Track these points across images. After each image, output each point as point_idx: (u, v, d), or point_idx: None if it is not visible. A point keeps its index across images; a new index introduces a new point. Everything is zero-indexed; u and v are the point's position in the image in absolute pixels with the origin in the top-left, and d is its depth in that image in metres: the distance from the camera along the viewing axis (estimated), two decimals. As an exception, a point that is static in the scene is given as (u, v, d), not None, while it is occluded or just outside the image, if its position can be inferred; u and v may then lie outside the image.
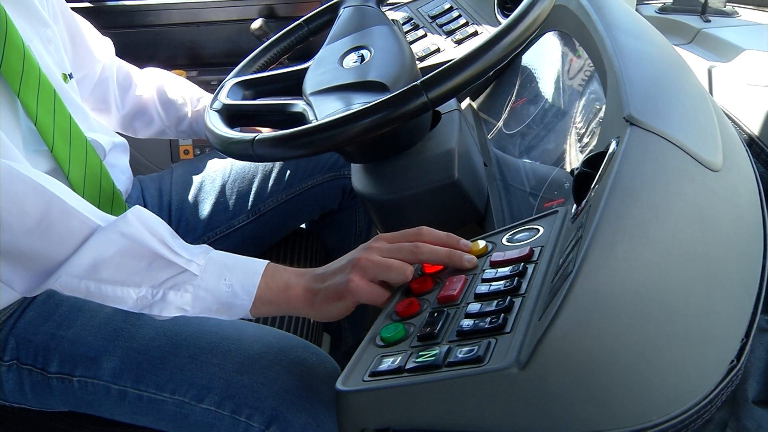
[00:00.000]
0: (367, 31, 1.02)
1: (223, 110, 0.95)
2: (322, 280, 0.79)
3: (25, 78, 0.96)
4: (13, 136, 0.96)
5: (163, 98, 1.31)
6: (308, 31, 1.13)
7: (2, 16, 0.95)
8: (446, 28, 1.31)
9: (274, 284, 0.80)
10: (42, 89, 0.98)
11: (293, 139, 0.78)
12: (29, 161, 0.97)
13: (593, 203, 0.63)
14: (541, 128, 1.04)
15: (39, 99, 0.98)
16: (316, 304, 0.79)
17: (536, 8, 0.80)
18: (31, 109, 0.96)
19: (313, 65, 0.99)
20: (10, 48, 0.94)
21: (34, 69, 0.98)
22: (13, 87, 0.95)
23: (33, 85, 0.97)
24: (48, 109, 0.99)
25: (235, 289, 0.80)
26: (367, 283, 0.76)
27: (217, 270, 0.80)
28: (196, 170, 1.26)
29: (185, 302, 0.80)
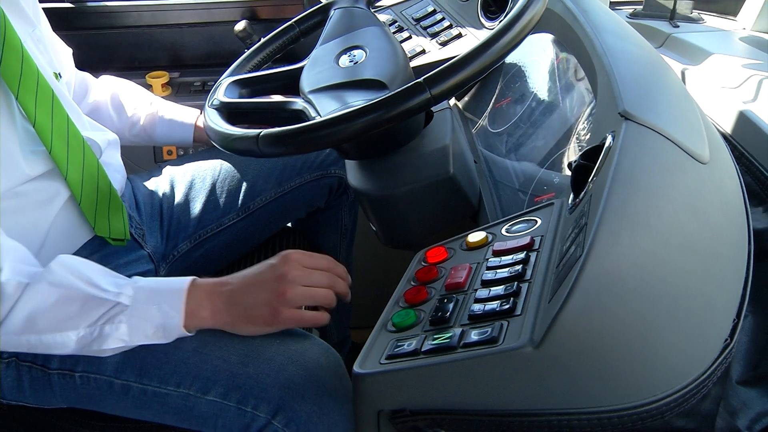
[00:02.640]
0: (359, 32, 1.05)
1: (222, 108, 0.97)
2: (245, 305, 0.88)
3: (24, 79, 0.96)
4: (10, 137, 0.96)
5: (116, 103, 1.32)
6: (300, 31, 1.15)
7: (1, 17, 0.95)
8: (430, 30, 1.35)
9: (198, 304, 0.87)
10: (40, 90, 0.98)
11: (300, 134, 0.81)
12: (26, 163, 0.97)
13: (594, 193, 0.66)
14: (528, 126, 1.08)
15: (37, 100, 0.98)
16: (240, 325, 0.89)
17: (532, 7, 0.83)
18: (30, 111, 0.96)
19: (308, 65, 1.01)
20: (9, 49, 0.95)
21: (32, 70, 0.98)
22: (11, 89, 0.95)
23: (31, 86, 0.97)
24: (46, 110, 0.99)
25: (165, 309, 0.86)
26: (294, 312, 0.87)
27: (145, 296, 0.86)
28: (186, 168, 1.26)
29: (122, 333, 0.85)
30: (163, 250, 1.19)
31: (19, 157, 0.96)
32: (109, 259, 1.06)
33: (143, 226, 1.16)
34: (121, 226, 1.08)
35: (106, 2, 1.65)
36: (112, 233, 1.06)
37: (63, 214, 1.02)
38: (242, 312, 0.87)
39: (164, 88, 1.63)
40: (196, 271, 1.21)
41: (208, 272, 1.25)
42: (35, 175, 0.99)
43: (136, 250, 1.11)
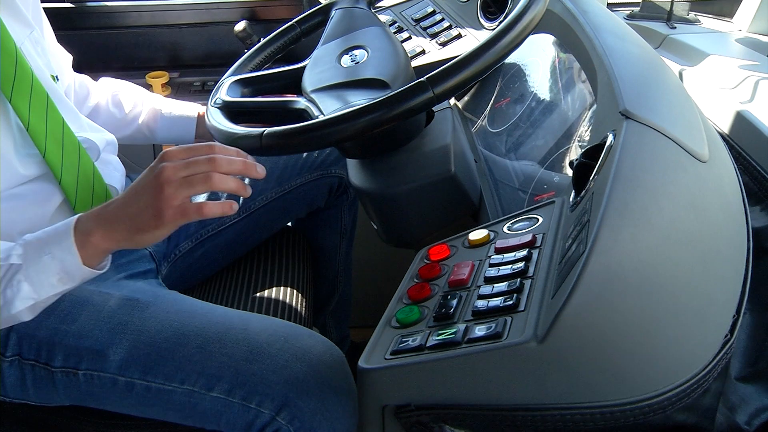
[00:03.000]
0: (360, 32, 1.05)
1: (224, 107, 0.98)
2: (130, 216, 0.85)
3: (18, 83, 0.96)
4: (5, 139, 0.96)
5: (116, 102, 1.32)
6: (301, 31, 1.16)
7: None
8: (430, 30, 1.36)
9: (87, 233, 0.86)
10: (34, 94, 0.99)
11: (303, 133, 0.81)
12: (21, 165, 0.98)
13: (595, 191, 0.67)
14: (528, 126, 1.09)
15: (31, 104, 0.98)
16: (133, 237, 0.86)
17: (533, 8, 0.84)
18: (23, 114, 0.97)
19: (310, 64, 1.02)
20: (3, 53, 0.95)
21: (26, 74, 0.98)
22: (4, 92, 0.95)
23: (25, 90, 0.98)
24: (40, 114, 0.99)
25: (58, 254, 0.85)
26: (177, 208, 0.84)
27: (35, 249, 0.85)
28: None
29: (26, 292, 0.84)
30: (165, 249, 1.19)
31: (14, 160, 0.97)
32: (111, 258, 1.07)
33: (145, 225, 1.16)
34: None
35: (106, 2, 1.66)
36: None
37: (58, 216, 1.03)
38: (130, 224, 0.85)
39: (164, 88, 1.63)
40: (198, 271, 1.22)
41: (209, 271, 1.26)
42: (30, 178, 0.99)
43: (137, 249, 1.12)
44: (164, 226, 0.85)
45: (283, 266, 1.30)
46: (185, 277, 1.20)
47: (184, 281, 1.19)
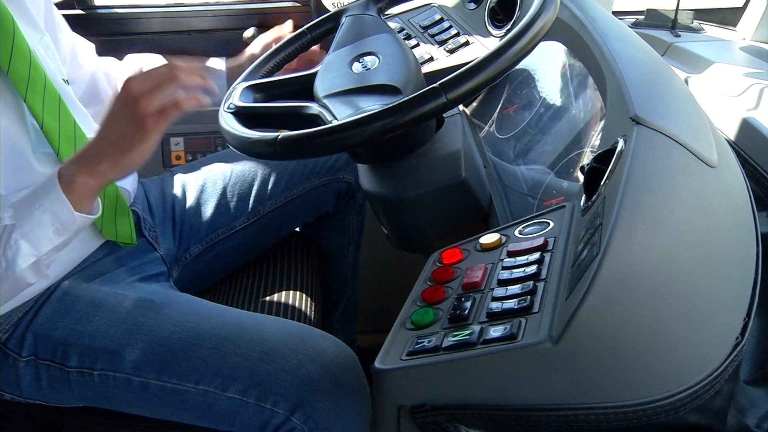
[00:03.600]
0: (371, 38, 1.07)
1: (237, 112, 0.99)
2: (111, 142, 0.88)
3: (32, 83, 0.98)
4: (22, 138, 0.98)
5: None
6: (312, 38, 1.17)
7: (10, 23, 0.97)
8: (438, 38, 1.37)
9: (72, 176, 0.88)
10: (47, 94, 1.01)
11: (318, 137, 0.82)
12: (38, 163, 0.99)
13: (607, 196, 0.68)
14: (536, 132, 1.10)
15: (45, 104, 1.00)
16: (122, 160, 0.88)
17: (543, 14, 0.86)
18: (38, 113, 0.99)
19: (321, 70, 1.03)
20: (18, 54, 0.97)
21: (39, 74, 1.00)
22: (20, 91, 0.97)
23: (39, 90, 1.00)
24: (53, 114, 1.01)
25: (48, 205, 0.87)
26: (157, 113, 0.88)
27: (25, 206, 0.88)
28: (197, 173, 1.28)
29: (26, 250, 0.86)
30: (176, 252, 1.20)
31: (31, 158, 0.99)
32: (124, 260, 1.08)
33: (156, 228, 1.17)
34: (127, 230, 1.10)
35: (117, 9, 1.67)
36: (120, 237, 1.08)
37: None
38: (114, 150, 0.87)
39: (175, 96, 1.64)
40: (208, 274, 1.23)
41: (219, 275, 1.27)
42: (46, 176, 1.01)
43: (149, 252, 1.13)
44: (149, 135, 0.87)
45: (291, 270, 1.31)
46: (196, 280, 1.22)
47: (194, 284, 1.20)
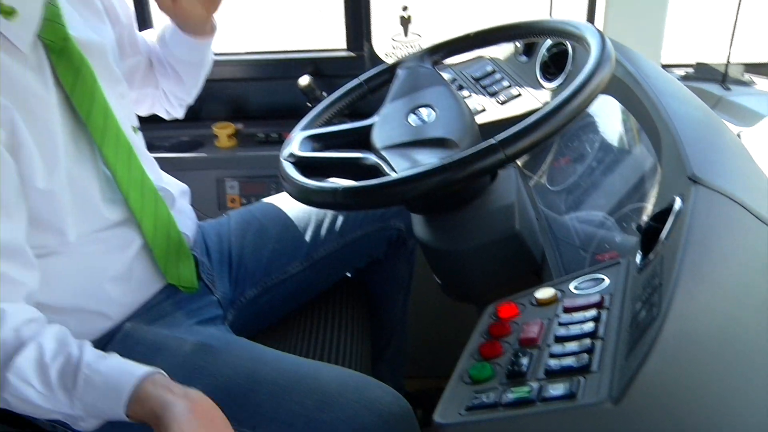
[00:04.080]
0: (426, 91, 1.09)
1: (296, 162, 1.02)
2: None
3: (107, 133, 1.04)
4: (93, 184, 1.03)
5: None
6: (368, 89, 1.20)
7: (92, 76, 1.03)
8: (490, 89, 1.39)
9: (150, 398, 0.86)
10: (120, 143, 1.06)
11: (378, 190, 0.85)
12: (106, 209, 1.04)
13: (666, 255, 0.69)
14: (588, 186, 1.11)
15: (117, 152, 1.05)
16: None
17: (600, 71, 0.87)
18: (110, 161, 1.04)
19: (378, 122, 1.06)
20: (97, 105, 1.03)
21: (114, 124, 1.05)
22: (96, 140, 1.02)
23: (112, 139, 1.05)
24: (124, 162, 1.06)
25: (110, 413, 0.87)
26: None
27: (93, 411, 0.87)
28: (253, 217, 1.32)
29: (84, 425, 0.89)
30: (231, 295, 1.23)
31: (101, 204, 1.03)
32: (182, 303, 1.11)
33: (213, 272, 1.21)
34: (190, 274, 1.13)
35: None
36: (182, 281, 1.12)
37: (138, 261, 1.09)
38: None
39: (230, 139, 1.70)
40: (262, 317, 1.26)
41: (273, 319, 1.29)
42: (114, 222, 1.05)
43: (207, 295, 1.16)
44: None
45: (342, 315, 1.33)
46: (250, 323, 1.24)
47: (248, 328, 1.22)
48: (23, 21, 0.94)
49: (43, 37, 0.97)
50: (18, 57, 0.94)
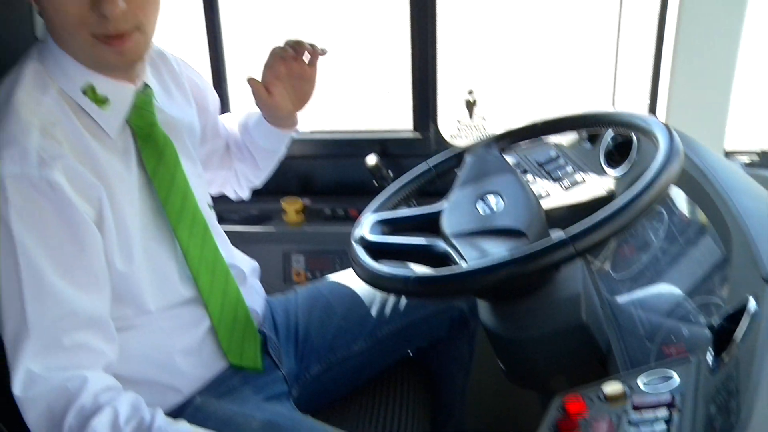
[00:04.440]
0: (494, 178, 1.12)
1: (367, 245, 1.05)
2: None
3: (184, 213, 1.09)
4: (170, 263, 1.08)
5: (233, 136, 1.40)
6: (435, 174, 1.24)
7: (174, 158, 1.09)
8: (554, 174, 1.42)
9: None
10: (195, 222, 1.11)
11: (448, 281, 0.87)
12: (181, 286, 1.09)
13: (742, 359, 0.69)
14: (653, 275, 1.11)
15: (192, 231, 1.11)
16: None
17: (670, 167, 0.89)
18: (184, 241, 1.09)
19: (448, 207, 1.09)
20: (176, 187, 1.09)
21: (191, 204, 1.11)
22: (172, 221, 1.08)
23: (188, 219, 1.10)
24: (198, 241, 1.11)
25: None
26: None
27: None
28: (319, 294, 1.35)
29: None
30: (297, 371, 1.26)
31: (177, 281, 1.08)
32: (249, 378, 1.14)
33: (280, 347, 1.24)
34: (254, 354, 1.17)
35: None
36: (245, 362, 1.15)
37: (208, 337, 1.13)
38: None
39: (297, 214, 1.75)
40: (325, 394, 1.28)
41: (336, 395, 1.31)
42: (187, 299, 1.10)
43: (273, 371, 1.19)
44: None
45: (403, 394, 1.34)
46: (313, 399, 1.26)
47: (312, 404, 1.24)
48: (114, 109, 1.01)
49: (132, 123, 1.04)
50: (106, 141, 1.01)
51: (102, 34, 0.94)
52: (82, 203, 0.93)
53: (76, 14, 0.91)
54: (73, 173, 0.92)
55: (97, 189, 0.96)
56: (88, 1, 0.91)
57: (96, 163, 0.98)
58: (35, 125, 0.92)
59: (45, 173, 0.90)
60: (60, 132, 0.95)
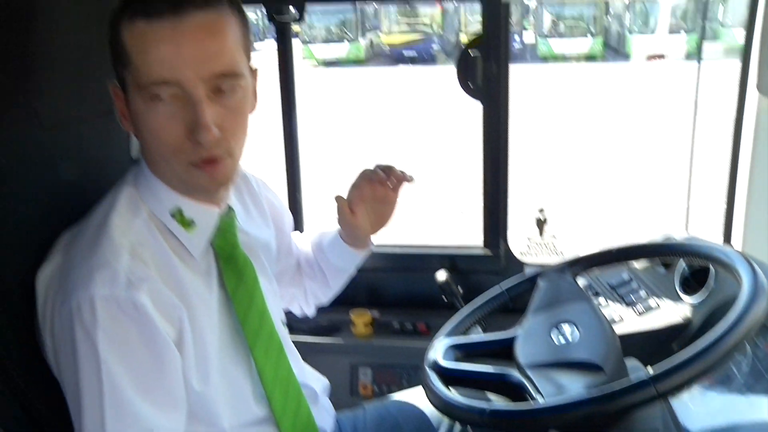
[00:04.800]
0: (568, 306, 1.12)
1: (440, 372, 1.05)
2: None
3: (261, 333, 1.12)
4: (245, 382, 1.10)
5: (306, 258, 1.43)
6: (508, 297, 1.24)
7: (254, 280, 1.13)
8: (627, 299, 1.40)
9: None
10: (271, 342, 1.14)
11: (525, 416, 0.87)
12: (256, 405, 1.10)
13: None
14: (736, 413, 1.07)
15: (267, 351, 1.13)
16: None
17: (756, 306, 0.87)
18: (260, 361, 1.11)
19: (522, 335, 1.09)
20: (254, 307, 1.12)
21: (268, 324, 1.14)
22: (249, 341, 1.11)
23: (265, 338, 1.13)
24: (273, 361, 1.14)
25: None
26: None
27: None
28: (388, 413, 1.35)
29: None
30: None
31: (251, 400, 1.10)
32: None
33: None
34: None
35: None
36: None
37: None
38: None
39: (366, 327, 1.77)
40: None
41: None
42: (260, 418, 1.11)
43: None
44: None
45: None
46: None
47: None
48: (199, 232, 1.06)
49: (215, 245, 1.09)
50: (190, 262, 1.05)
51: (197, 160, 0.99)
52: (164, 324, 0.97)
53: (174, 143, 0.97)
54: (157, 295, 0.96)
55: (178, 310, 0.99)
56: (184, 131, 0.96)
57: (179, 284, 1.02)
58: (126, 247, 0.97)
59: (131, 295, 0.94)
60: (147, 253, 0.99)
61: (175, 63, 0.93)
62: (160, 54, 0.93)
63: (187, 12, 0.93)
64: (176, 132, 0.96)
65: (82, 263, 0.95)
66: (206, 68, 0.94)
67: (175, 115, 0.95)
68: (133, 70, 0.95)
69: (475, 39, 1.74)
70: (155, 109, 0.95)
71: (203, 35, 0.94)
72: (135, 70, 0.95)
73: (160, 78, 0.93)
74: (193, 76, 0.94)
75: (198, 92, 0.94)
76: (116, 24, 0.96)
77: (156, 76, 0.93)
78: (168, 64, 0.93)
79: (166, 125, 0.96)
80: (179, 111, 0.95)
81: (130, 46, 0.95)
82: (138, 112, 0.97)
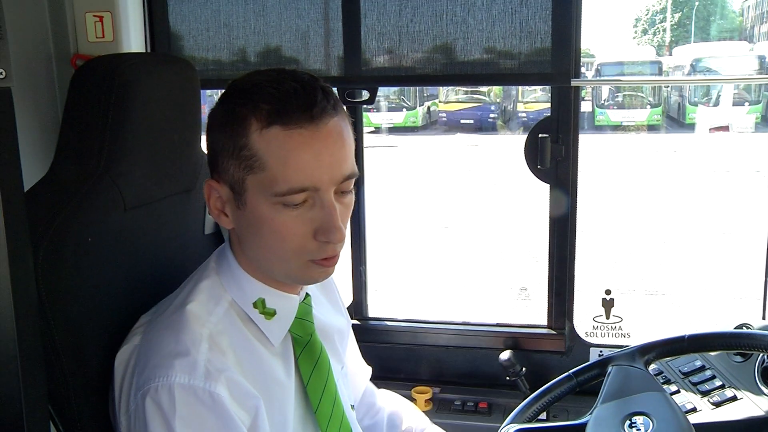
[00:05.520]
0: (641, 397, 1.09)
1: (511, 461, 1.03)
2: None
3: (332, 419, 1.12)
4: None
5: (391, 420, 1.39)
6: (577, 383, 1.21)
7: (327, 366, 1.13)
8: (700, 387, 1.35)
9: None
10: (342, 429, 1.13)
11: None
12: None
13: None
14: None
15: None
16: None
17: None
18: None
19: (592, 424, 1.06)
20: (327, 393, 1.12)
21: (339, 410, 1.13)
22: (321, 426, 1.10)
23: (336, 425, 1.12)
24: None
25: None
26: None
27: None
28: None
29: None
30: None
31: None
32: None
33: None
34: None
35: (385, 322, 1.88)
36: None
37: None
38: None
39: (426, 404, 1.75)
40: None
41: None
42: None
43: None
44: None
45: None
46: None
47: None
48: (280, 320, 1.07)
49: (293, 332, 1.10)
50: (270, 349, 1.06)
51: (319, 258, 1.00)
52: (240, 412, 0.97)
53: (299, 243, 0.98)
54: (234, 385, 0.97)
55: (255, 399, 0.99)
56: (311, 231, 0.97)
57: (257, 371, 1.02)
58: (205, 336, 0.98)
59: (209, 385, 0.95)
60: (226, 342, 1.00)
61: (315, 170, 0.95)
62: (300, 162, 0.94)
63: (322, 120, 0.95)
64: (303, 233, 0.98)
65: (161, 349, 0.97)
66: (338, 173, 0.97)
67: (304, 218, 0.97)
68: (266, 177, 0.95)
69: (543, 120, 1.76)
70: (285, 212, 0.96)
71: (335, 141, 0.96)
72: (270, 177, 0.95)
73: (299, 186, 0.95)
74: (328, 181, 0.96)
75: (330, 196, 0.97)
76: (244, 130, 0.96)
77: (295, 184, 0.94)
78: (308, 171, 0.95)
79: (294, 228, 0.97)
80: (308, 213, 0.97)
81: (265, 153, 0.95)
82: (260, 214, 0.97)
